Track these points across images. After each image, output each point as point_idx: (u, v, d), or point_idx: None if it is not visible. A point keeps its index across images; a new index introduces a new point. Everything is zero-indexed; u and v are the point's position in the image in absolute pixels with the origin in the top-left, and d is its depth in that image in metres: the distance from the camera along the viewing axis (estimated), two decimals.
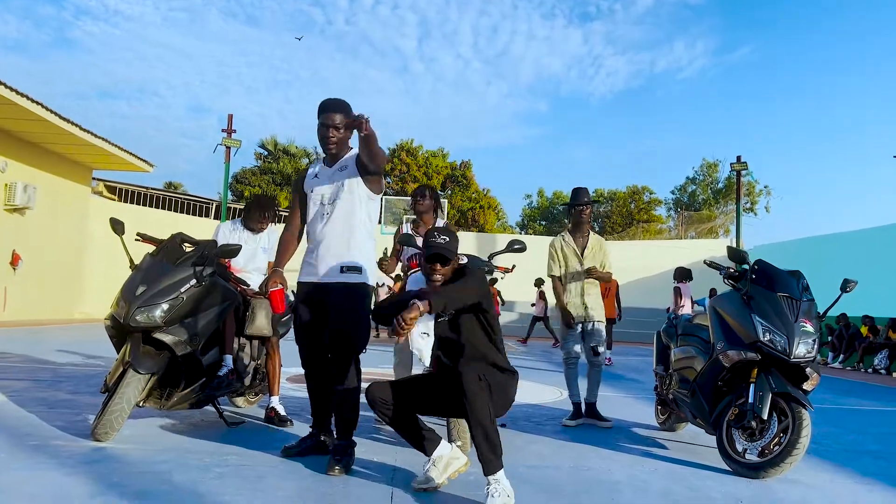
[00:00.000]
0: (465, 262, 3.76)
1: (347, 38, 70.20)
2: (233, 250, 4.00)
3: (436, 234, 3.14)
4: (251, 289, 4.49)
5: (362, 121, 3.11)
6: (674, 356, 4.53)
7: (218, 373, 4.05)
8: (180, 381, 3.80)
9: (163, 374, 3.74)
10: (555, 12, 67.60)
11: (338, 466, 3.18)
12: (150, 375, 3.64)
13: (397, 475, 3.24)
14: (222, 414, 4.17)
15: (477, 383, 2.79)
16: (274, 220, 4.85)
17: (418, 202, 4.67)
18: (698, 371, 4.01)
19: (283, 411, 4.43)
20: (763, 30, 67.31)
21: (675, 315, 5.04)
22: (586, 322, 5.07)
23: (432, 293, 2.87)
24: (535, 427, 4.76)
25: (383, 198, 7.24)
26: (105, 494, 2.67)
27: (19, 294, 14.71)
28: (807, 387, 3.70)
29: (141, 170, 18.17)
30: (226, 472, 3.10)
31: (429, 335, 2.98)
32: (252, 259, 4.72)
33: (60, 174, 16.39)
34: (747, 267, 3.97)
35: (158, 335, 3.64)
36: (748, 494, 3.21)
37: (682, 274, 10.28)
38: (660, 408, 4.96)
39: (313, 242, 3.55)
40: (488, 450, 2.74)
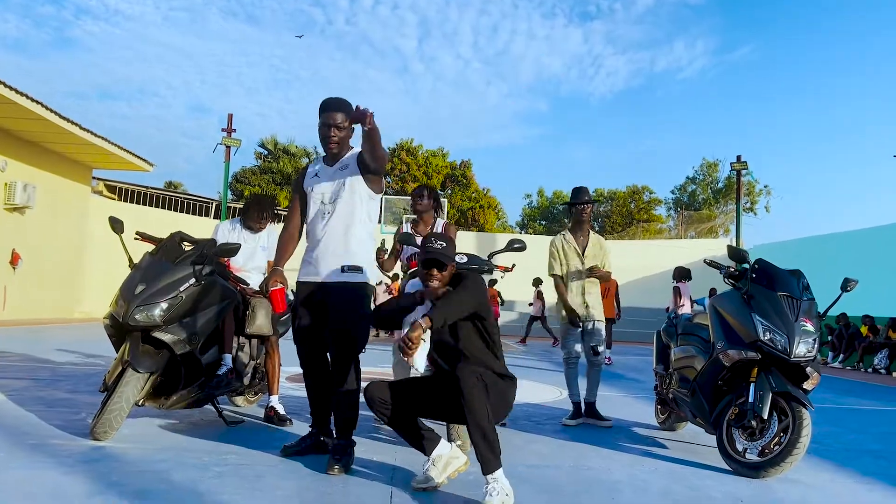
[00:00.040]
0: (463, 261, 3.76)
1: (347, 38, 70.25)
2: (232, 249, 4.00)
3: (432, 239, 3.15)
4: (250, 288, 4.48)
5: (367, 115, 3.10)
6: (674, 355, 4.53)
7: (217, 372, 4.05)
8: (179, 381, 3.80)
9: (162, 373, 3.73)
10: (555, 12, 67.65)
11: (337, 466, 3.18)
12: (150, 374, 3.63)
13: (397, 474, 3.23)
14: (221, 413, 4.17)
15: (474, 383, 2.78)
16: (272, 220, 4.85)
17: (417, 202, 4.68)
18: (698, 370, 4.01)
19: (282, 410, 4.43)
20: (763, 30, 67.35)
21: (675, 314, 5.03)
22: (586, 321, 5.08)
23: (432, 309, 2.89)
24: (534, 426, 4.76)
25: (383, 197, 7.24)
26: (104, 493, 2.67)
27: (19, 293, 14.71)
28: (807, 386, 3.69)
29: (141, 169, 18.18)
30: (225, 472, 3.10)
31: (424, 341, 2.99)
32: (251, 258, 4.71)
33: (60, 173, 16.39)
34: (747, 266, 3.96)
35: (157, 334, 3.64)
36: (748, 494, 3.20)
37: (682, 273, 10.27)
38: (660, 407, 4.96)
39: (313, 242, 3.54)
40: (486, 449, 2.73)
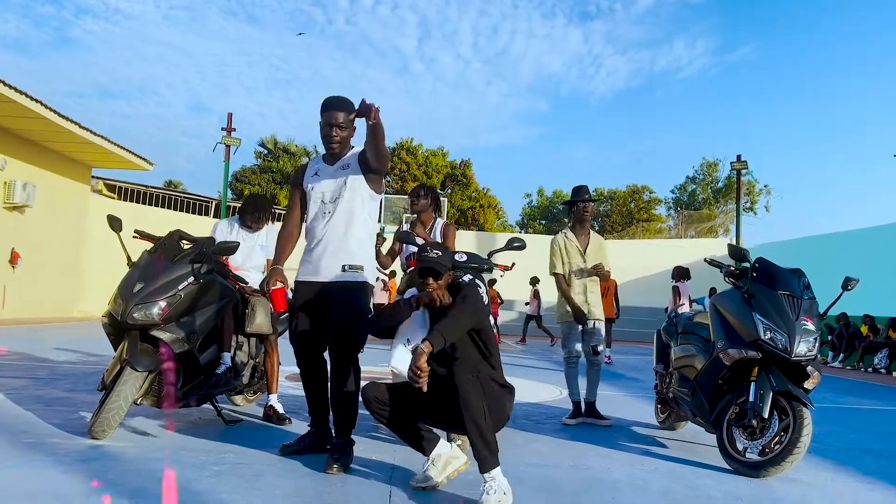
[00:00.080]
0: (462, 260, 3.74)
1: (347, 38, 70.23)
2: (230, 247, 3.98)
3: (428, 248, 3.14)
4: (249, 286, 4.47)
5: (372, 109, 3.09)
6: (674, 355, 4.52)
7: (216, 371, 4.04)
8: (178, 379, 3.78)
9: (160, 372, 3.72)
10: (555, 11, 67.65)
11: (336, 465, 3.16)
12: (148, 373, 3.62)
13: (396, 474, 3.22)
14: (220, 412, 4.15)
15: (469, 380, 2.76)
16: (270, 220, 4.83)
17: (414, 202, 4.70)
18: (699, 369, 3.99)
19: (281, 409, 4.42)
20: (763, 30, 67.36)
21: (676, 314, 5.02)
22: (587, 320, 5.06)
23: (431, 332, 2.85)
24: (534, 426, 4.75)
25: (383, 197, 7.22)
26: (101, 492, 2.66)
27: (18, 292, 14.69)
28: (808, 385, 3.68)
29: (140, 168, 18.15)
30: (223, 471, 3.09)
31: (410, 343, 3.02)
32: (249, 256, 4.70)
33: (60, 172, 16.37)
34: (748, 265, 3.95)
35: (156, 333, 3.63)
36: (748, 493, 3.19)
37: (681, 273, 10.26)
38: (660, 406, 4.95)
39: (313, 241, 3.52)
40: (483, 447, 2.71)
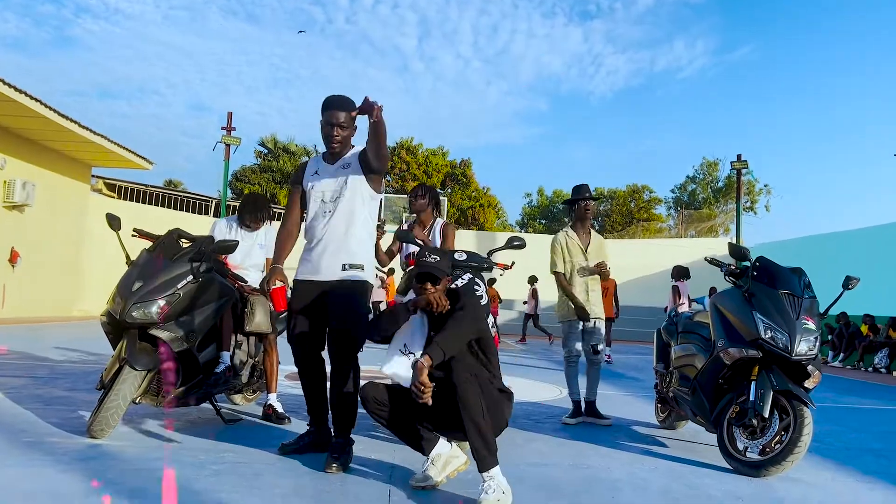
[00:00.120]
0: (462, 259, 3.73)
1: (347, 37, 70.13)
2: (229, 246, 3.97)
3: (426, 253, 3.13)
4: (249, 285, 4.46)
5: (375, 107, 3.08)
6: (674, 354, 4.51)
7: (215, 370, 4.03)
8: (177, 378, 3.77)
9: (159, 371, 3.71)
10: (555, 11, 67.51)
11: (335, 464, 3.16)
12: (147, 372, 3.61)
13: (395, 473, 3.21)
14: (219, 411, 4.14)
15: (468, 378, 2.75)
16: (268, 220, 4.82)
17: (413, 202, 4.70)
18: (699, 369, 3.99)
19: (280, 408, 4.41)
20: (763, 30, 67.25)
21: (676, 313, 5.01)
22: (589, 318, 5.05)
23: (431, 346, 2.81)
24: (534, 425, 4.74)
25: (383, 196, 7.23)
26: (101, 492, 2.65)
27: (18, 291, 14.68)
28: (808, 384, 3.67)
29: (140, 167, 18.13)
30: (222, 470, 3.08)
31: (407, 349, 3.00)
32: (248, 255, 4.69)
33: (59, 171, 16.35)
34: (748, 264, 3.94)
35: (155, 331, 3.62)
36: (749, 493, 3.18)
37: (680, 272, 10.25)
38: (660, 406, 4.94)
39: (313, 240, 3.51)
40: (482, 446, 2.70)
